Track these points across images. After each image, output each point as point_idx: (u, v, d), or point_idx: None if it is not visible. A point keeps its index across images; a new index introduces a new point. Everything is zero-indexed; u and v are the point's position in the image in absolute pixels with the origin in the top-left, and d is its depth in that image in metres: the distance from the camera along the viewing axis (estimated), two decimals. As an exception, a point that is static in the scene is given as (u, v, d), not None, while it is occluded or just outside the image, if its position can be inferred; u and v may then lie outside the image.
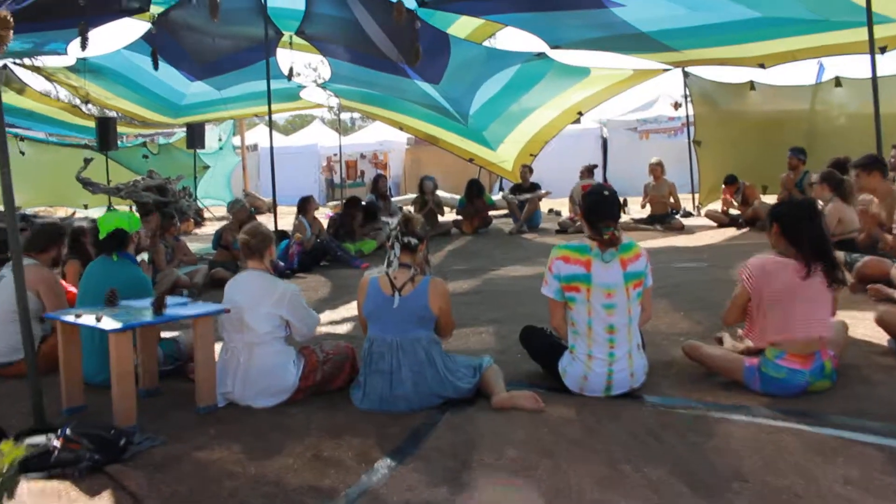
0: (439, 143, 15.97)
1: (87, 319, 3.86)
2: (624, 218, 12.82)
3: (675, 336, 5.09)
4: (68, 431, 3.44)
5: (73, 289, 5.51)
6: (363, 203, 11.31)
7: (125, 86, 13.81)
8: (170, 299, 4.38)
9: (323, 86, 15.16)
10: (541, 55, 11.40)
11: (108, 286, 4.70)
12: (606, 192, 3.85)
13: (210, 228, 16.84)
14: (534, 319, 5.53)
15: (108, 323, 3.78)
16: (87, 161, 16.67)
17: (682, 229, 11.09)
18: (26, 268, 5.10)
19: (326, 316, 6.66)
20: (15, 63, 13.22)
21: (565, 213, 13.95)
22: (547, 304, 4.09)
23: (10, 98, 14.25)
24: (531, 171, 12.99)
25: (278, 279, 4.36)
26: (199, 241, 14.44)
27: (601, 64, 11.82)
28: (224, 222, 18.34)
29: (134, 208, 17.71)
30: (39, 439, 3.48)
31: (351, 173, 29.86)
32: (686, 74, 13.09)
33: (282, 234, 10.63)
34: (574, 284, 3.80)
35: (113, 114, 16.49)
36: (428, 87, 12.90)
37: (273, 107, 16.38)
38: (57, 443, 3.41)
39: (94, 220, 7.42)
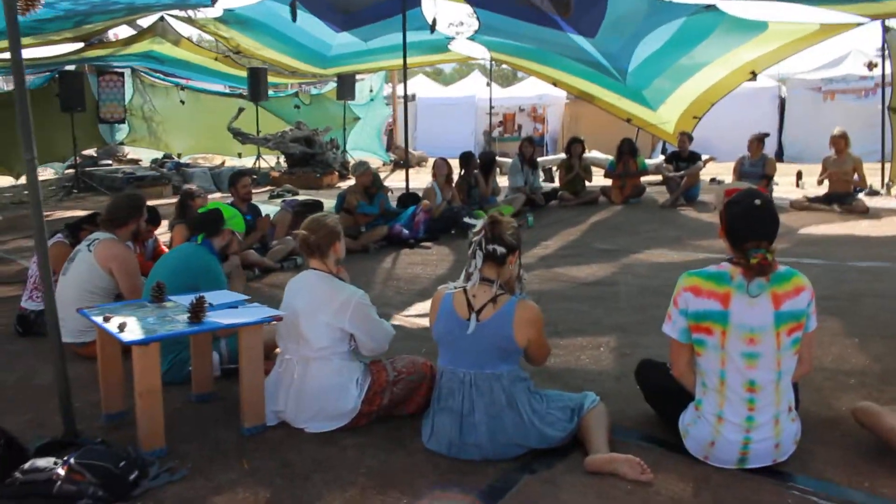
0: (595, 102, 14.79)
1: (113, 324, 3.30)
2: (796, 194, 11.28)
3: (844, 377, 3.96)
4: (72, 460, 2.92)
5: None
6: (476, 157, 10.48)
7: (272, 36, 13.54)
8: (219, 297, 3.79)
9: (472, 38, 14.29)
10: (710, 7, 10.01)
11: (180, 271, 4.20)
12: (758, 202, 2.82)
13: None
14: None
15: (131, 331, 3.21)
16: (240, 111, 16.76)
17: (866, 212, 9.48)
18: (101, 243, 4.76)
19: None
20: (170, 15, 13.21)
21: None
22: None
23: (167, 49, 14.43)
24: (691, 139, 11.63)
25: (343, 283, 3.64)
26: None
27: (781, 17, 10.23)
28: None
29: (282, 159, 17.83)
30: (46, 462, 2.98)
31: (508, 126, 29.02)
32: (886, 29, 11.22)
33: (412, 197, 10.02)
34: (705, 324, 2.84)
35: (264, 64, 16.41)
36: (582, 40, 11.77)
37: (420, 59, 15.90)
38: (61, 471, 2.90)
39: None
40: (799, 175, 12.89)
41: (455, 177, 10.02)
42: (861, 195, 10.10)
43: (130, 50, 14.61)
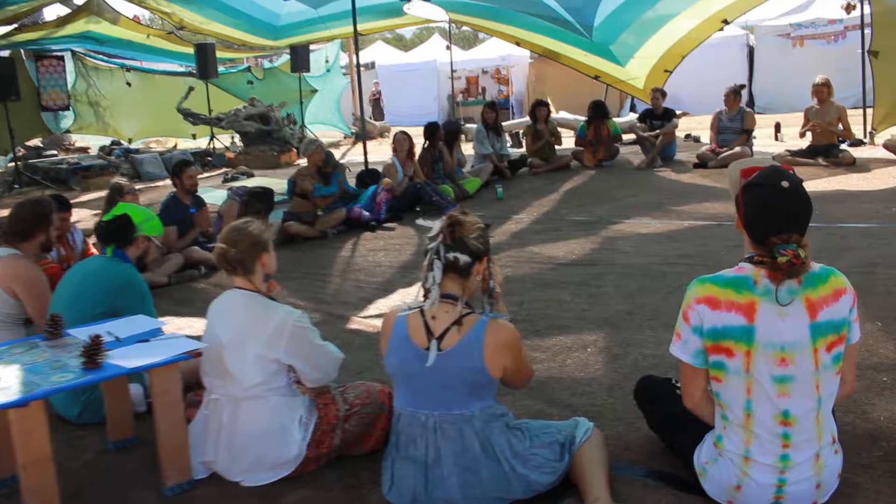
0: (560, 59, 14.08)
1: (-13, 375, 2.65)
2: (777, 147, 10.75)
3: (874, 373, 3.39)
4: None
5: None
6: (441, 127, 9.69)
7: (216, 8, 12.70)
8: (128, 328, 3.14)
9: (429, -1, 13.52)
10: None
11: (89, 293, 3.53)
12: (786, 184, 2.21)
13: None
14: (663, 322, 4.03)
15: (5, 387, 2.56)
16: (190, 90, 15.90)
17: (853, 164, 8.96)
18: (1, 261, 4.07)
19: (399, 296, 5.32)
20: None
21: (705, 140, 11.94)
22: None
23: (106, 28, 13.57)
24: (664, 94, 11.00)
25: (275, 304, 3.00)
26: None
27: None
28: (331, 150, 17.50)
29: (237, 138, 16.99)
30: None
31: (472, 90, 28.26)
32: (864, -32, 10.68)
33: (372, 175, 9.35)
34: (725, 343, 2.24)
35: (211, 40, 15.53)
36: (545, -5, 11.10)
37: (374, 24, 15.12)
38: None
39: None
40: (777, 127, 12.32)
41: (418, 150, 9.36)
42: (846, 147, 9.57)
43: (66, 31, 13.70)
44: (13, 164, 15.43)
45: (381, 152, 12.57)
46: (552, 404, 3.33)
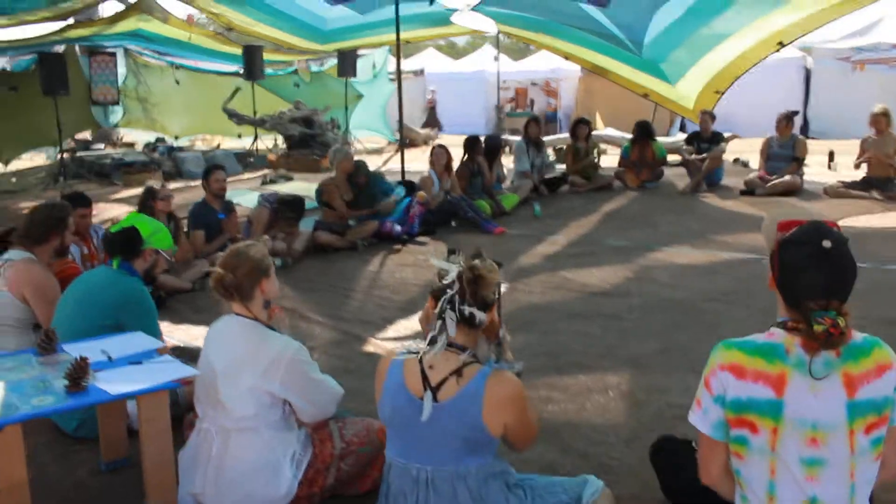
0: (608, 76, 13.79)
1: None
2: (829, 177, 10.34)
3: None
4: None
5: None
6: (481, 141, 9.45)
7: (263, 11, 12.71)
8: (123, 347, 3.01)
9: (476, 9, 13.35)
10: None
11: (91, 306, 3.42)
12: (827, 244, 1.97)
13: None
14: (693, 366, 3.78)
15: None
16: (236, 90, 15.97)
17: (909, 199, 8.58)
18: (13, 265, 3.98)
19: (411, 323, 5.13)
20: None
21: (754, 165, 11.57)
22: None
23: (157, 27, 13.67)
24: (713, 117, 10.67)
25: (273, 334, 2.83)
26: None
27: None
28: (373, 156, 17.42)
29: (280, 140, 17.00)
30: None
31: (521, 101, 28.03)
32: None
33: (408, 186, 9.19)
34: (749, 417, 2.01)
35: (259, 42, 15.56)
36: (595, 10, 10.84)
37: (422, 32, 15.00)
38: None
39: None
40: (831, 156, 11.87)
41: (457, 163, 9.18)
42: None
43: (117, 29, 13.84)
44: (60, 156, 15.67)
45: (424, 160, 12.35)
46: (565, 453, 3.11)
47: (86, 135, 18.70)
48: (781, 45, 10.97)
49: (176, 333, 5.14)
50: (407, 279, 6.32)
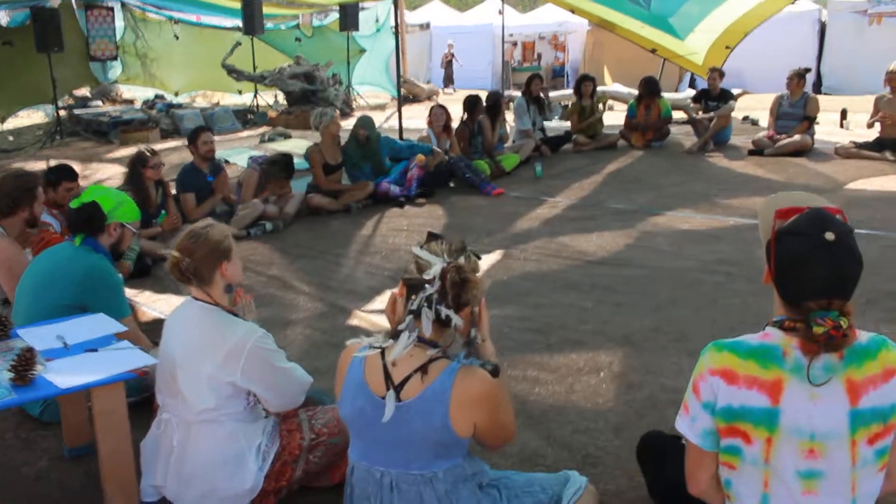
0: (616, 31, 13.41)
1: None
2: (841, 136, 10.02)
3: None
4: None
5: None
6: (482, 100, 9.05)
7: (261, -38, 12.35)
8: (80, 331, 2.83)
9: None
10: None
11: (51, 285, 3.23)
12: (830, 236, 1.75)
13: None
14: (689, 346, 3.59)
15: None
16: (236, 45, 15.62)
17: (925, 162, 8.27)
18: (-22, 238, 3.81)
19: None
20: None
21: (763, 123, 11.24)
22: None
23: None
24: (722, 75, 10.27)
25: (235, 321, 2.64)
26: (344, 133, 13.07)
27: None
28: (376, 112, 17.09)
29: (281, 97, 16.68)
30: None
31: (527, 55, 27.52)
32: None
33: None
34: (742, 427, 1.81)
35: (258, -6, 15.16)
36: (600, -38, 10.50)
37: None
38: None
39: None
40: (843, 114, 11.48)
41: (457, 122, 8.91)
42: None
43: (114, -20, 13.49)
44: (56, 115, 15.42)
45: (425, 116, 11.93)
46: (549, 442, 2.94)
47: (84, 91, 18.41)
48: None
49: (158, 304, 4.98)
50: (399, 245, 6.12)
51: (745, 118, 12.20)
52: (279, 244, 6.35)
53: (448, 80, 23.89)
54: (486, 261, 5.49)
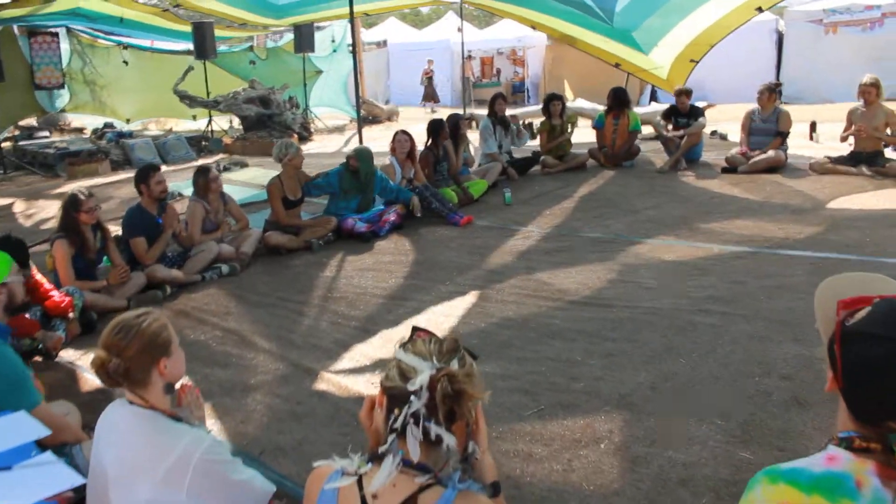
0: (577, 45, 13.18)
1: None
2: (812, 150, 9.84)
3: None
4: None
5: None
6: (444, 124, 8.68)
7: (211, -15, 11.91)
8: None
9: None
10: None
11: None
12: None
13: (316, 145, 15.07)
14: (692, 404, 3.22)
15: None
16: (187, 71, 15.12)
17: (901, 175, 8.06)
18: None
19: (379, 341, 4.53)
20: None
21: (732, 137, 11.04)
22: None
23: (96, 5, 12.77)
24: (689, 94, 10.04)
25: (178, 427, 2.22)
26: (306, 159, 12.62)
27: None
28: (335, 135, 16.64)
29: (236, 122, 16.18)
30: None
31: (486, 71, 27.35)
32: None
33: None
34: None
35: (210, 18, 14.70)
36: (562, -23, 10.23)
37: (378, 5, 14.23)
38: None
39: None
40: (812, 126, 11.32)
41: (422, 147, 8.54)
42: (891, 152, 8.61)
43: (53, 7, 12.89)
44: (-1, 147, 14.78)
45: (387, 139, 11.62)
46: (551, 542, 2.55)
47: (31, 121, 17.75)
48: (760, 10, 10.45)
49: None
50: (366, 286, 5.71)
51: (714, 132, 12.01)
52: (236, 290, 5.90)
53: (429, 98, 23.35)
54: (461, 304, 5.11)
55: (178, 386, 2.37)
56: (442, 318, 4.89)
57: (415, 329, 1.89)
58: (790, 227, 6.41)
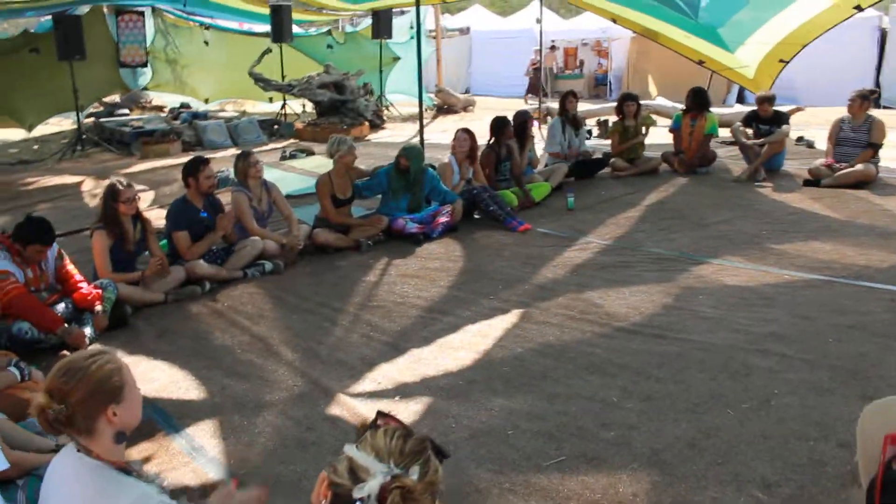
0: (659, 40, 12.59)
1: None
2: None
3: None
4: None
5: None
6: (510, 123, 8.25)
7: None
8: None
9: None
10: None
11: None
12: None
13: (388, 134, 14.89)
14: (735, 471, 2.84)
15: None
16: (264, 53, 15.11)
17: None
18: None
19: (406, 361, 4.28)
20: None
21: (820, 145, 10.32)
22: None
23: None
24: (772, 101, 9.29)
25: (127, 482, 2.00)
26: (373, 148, 12.50)
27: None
28: (409, 123, 16.37)
29: (309, 107, 16.14)
30: None
31: (570, 62, 26.68)
32: None
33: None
34: None
35: (288, 1, 14.63)
36: (645, -30, 9.73)
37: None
38: None
39: None
40: (906, 134, 10.52)
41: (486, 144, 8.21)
42: None
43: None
44: (89, 120, 15.10)
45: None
46: None
47: (115, 97, 18.13)
48: (859, 8, 9.69)
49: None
50: (407, 294, 5.45)
51: (800, 139, 11.27)
52: (275, 290, 5.73)
53: (535, 90, 21.94)
54: (501, 324, 4.80)
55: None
56: (478, 338, 4.59)
57: (380, 414, 1.60)
58: (873, 254, 5.85)
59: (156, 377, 4.29)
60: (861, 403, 3.34)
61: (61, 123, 16.55)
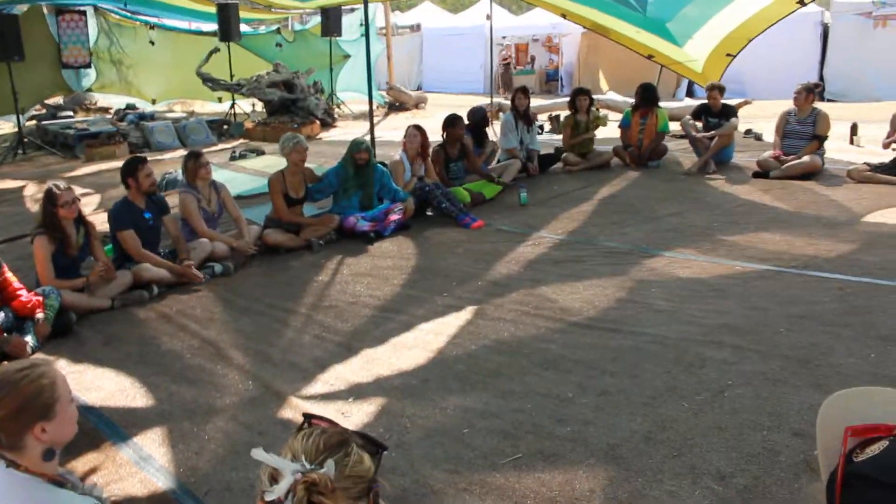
0: (609, 35, 12.67)
1: None
2: (852, 155, 9.29)
3: None
4: None
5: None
6: (460, 119, 8.21)
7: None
8: None
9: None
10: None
11: None
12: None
13: (339, 132, 14.75)
14: (689, 463, 2.83)
15: None
16: (212, 53, 14.84)
17: (947, 185, 7.51)
18: None
19: (360, 362, 4.20)
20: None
21: (768, 137, 10.47)
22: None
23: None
24: (722, 91, 9.44)
25: (61, 495, 1.91)
26: (325, 146, 12.36)
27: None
28: (360, 122, 16.24)
29: (259, 106, 15.92)
30: None
31: (521, 58, 26.79)
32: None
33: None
34: None
35: (235, 0, 14.40)
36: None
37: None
38: None
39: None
40: (854, 128, 10.71)
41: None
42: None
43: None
44: (30, 123, 14.69)
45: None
46: None
47: (58, 99, 17.67)
48: (802, 3, 9.87)
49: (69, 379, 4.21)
50: (358, 296, 5.38)
51: (748, 132, 11.44)
52: (225, 293, 5.61)
53: (507, 86, 21.92)
54: (454, 321, 4.76)
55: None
56: (432, 336, 4.54)
57: (307, 417, 1.54)
58: (821, 244, 5.94)
59: (102, 385, 4.16)
60: (813, 392, 3.39)
61: (1, 127, 16.09)
